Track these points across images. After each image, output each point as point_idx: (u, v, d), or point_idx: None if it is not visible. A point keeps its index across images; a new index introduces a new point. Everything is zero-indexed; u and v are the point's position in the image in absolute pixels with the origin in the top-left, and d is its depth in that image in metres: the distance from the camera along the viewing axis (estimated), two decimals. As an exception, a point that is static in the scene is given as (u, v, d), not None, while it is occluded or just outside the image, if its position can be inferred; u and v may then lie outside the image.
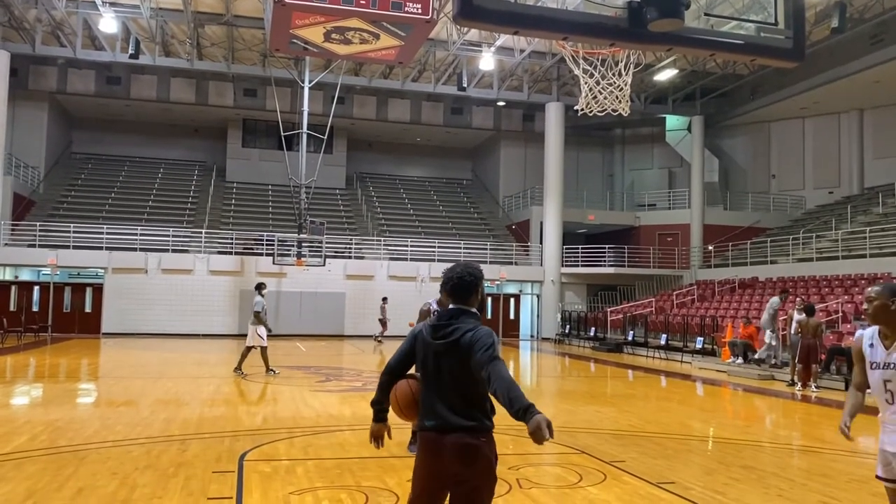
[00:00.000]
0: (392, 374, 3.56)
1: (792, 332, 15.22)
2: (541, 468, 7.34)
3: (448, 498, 3.41)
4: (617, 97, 10.25)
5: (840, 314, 18.39)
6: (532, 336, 31.92)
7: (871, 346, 3.86)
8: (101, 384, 14.35)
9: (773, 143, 33.44)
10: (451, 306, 3.50)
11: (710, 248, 31.13)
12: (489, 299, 31.62)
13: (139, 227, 27.97)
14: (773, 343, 17.18)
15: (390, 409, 3.58)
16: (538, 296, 31.89)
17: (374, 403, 3.61)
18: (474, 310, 3.49)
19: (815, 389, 14.31)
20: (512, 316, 32.19)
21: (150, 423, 9.29)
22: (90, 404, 11.60)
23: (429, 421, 3.39)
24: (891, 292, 3.79)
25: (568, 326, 29.39)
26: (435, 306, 7.60)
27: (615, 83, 10.21)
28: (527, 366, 21.41)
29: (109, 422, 9.62)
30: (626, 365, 20.23)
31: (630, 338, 24.94)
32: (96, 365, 17.83)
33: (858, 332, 4.03)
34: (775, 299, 17.45)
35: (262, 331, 15.03)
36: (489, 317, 31.32)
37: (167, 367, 16.99)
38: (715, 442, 9.33)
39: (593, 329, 27.78)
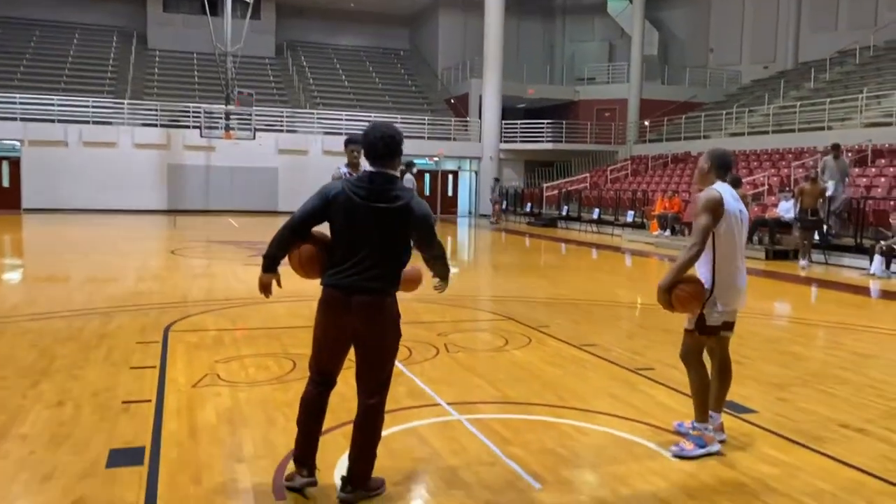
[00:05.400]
0: (295, 232, 3.44)
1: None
2: (468, 334, 7.47)
3: (354, 354, 3.47)
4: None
5: (766, 187, 18.92)
6: (470, 212, 32.09)
7: None
8: (21, 260, 13.87)
9: (712, 15, 33.12)
10: (373, 169, 3.40)
11: (647, 123, 31.27)
12: (427, 175, 31.44)
13: (56, 98, 26.35)
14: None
15: (291, 265, 3.53)
16: (476, 172, 31.82)
17: (268, 258, 3.48)
18: (397, 175, 3.45)
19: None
20: (450, 192, 32.15)
21: (72, 298, 9.04)
22: (9, 279, 11.21)
23: (340, 279, 3.36)
24: (706, 156, 4.19)
25: (505, 202, 29.57)
26: (344, 170, 7.38)
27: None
28: (464, 241, 21.60)
29: (30, 296, 9.36)
30: (560, 239, 20.61)
31: (564, 213, 25.31)
32: (18, 241, 17.20)
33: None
34: (828, 159, 15.32)
35: None
36: (427, 193, 31.25)
37: (93, 242, 16.49)
38: (639, 308, 9.66)
39: (529, 205, 28.04)
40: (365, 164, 7.97)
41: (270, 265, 3.50)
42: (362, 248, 3.34)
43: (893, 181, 16.09)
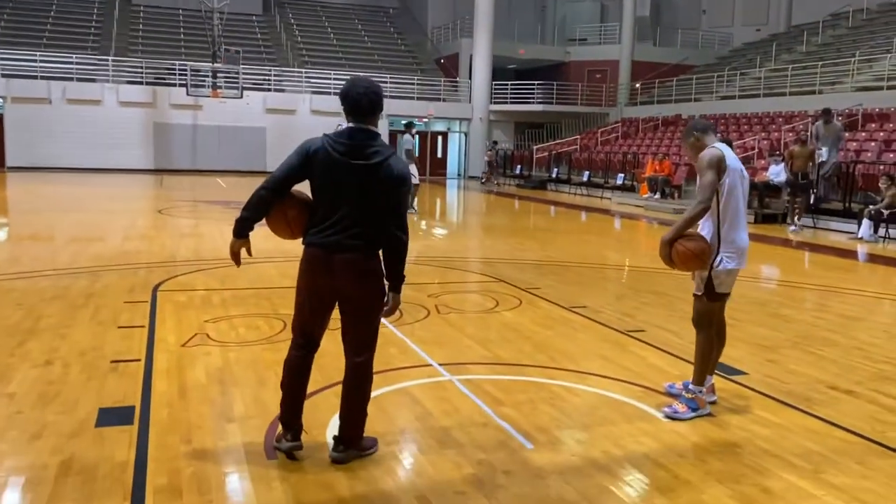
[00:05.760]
0: (276, 191, 3.32)
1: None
2: (459, 295, 7.45)
3: (339, 313, 3.42)
4: None
5: (756, 150, 18.89)
6: (459, 174, 31.91)
7: None
8: (6, 218, 13.69)
9: (706, -24, 32.72)
10: (353, 125, 3.29)
11: (638, 85, 31.04)
12: (417, 138, 31.14)
13: (38, 53, 25.78)
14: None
15: (273, 226, 3.43)
16: (466, 133, 31.56)
17: (244, 220, 3.34)
18: (379, 132, 3.36)
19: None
20: (440, 154, 31.90)
21: (58, 256, 8.95)
22: (-6, 238, 11.07)
23: (322, 238, 3.29)
24: (688, 131, 4.18)
25: (495, 163, 29.40)
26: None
27: None
28: (453, 203, 21.52)
29: (15, 254, 9.24)
30: (549, 201, 20.56)
31: (554, 175, 25.22)
32: (1, 199, 16.95)
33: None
34: (819, 125, 15.02)
35: (413, 169, 14.88)
36: (416, 155, 30.96)
37: (79, 201, 16.30)
38: (628, 270, 9.67)
39: (519, 167, 27.92)
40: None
41: (243, 229, 3.37)
42: (343, 207, 3.25)
43: (883, 146, 16.09)
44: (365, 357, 3.42)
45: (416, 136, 30.41)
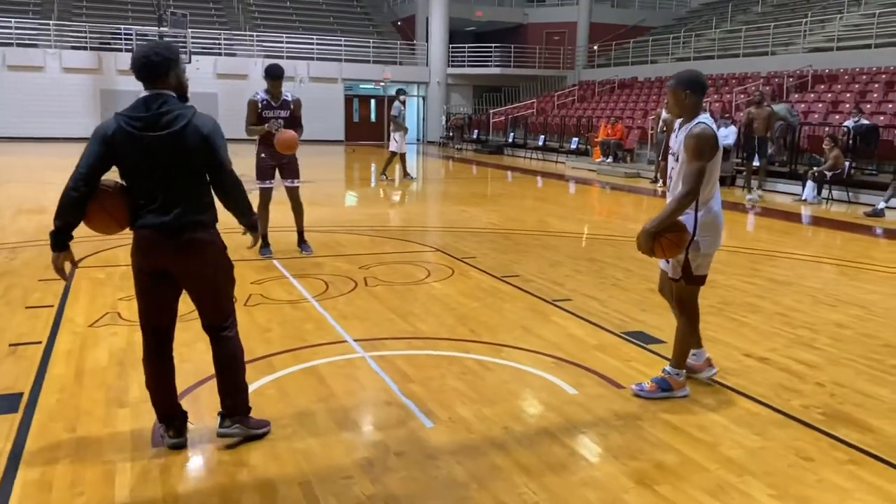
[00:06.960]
0: (86, 189, 2.97)
1: (658, 129, 15.56)
2: (391, 266, 7.31)
3: (189, 295, 3.26)
4: None
5: (707, 113, 18.88)
6: (417, 139, 31.57)
7: (675, 135, 3.93)
8: (-64, 192, 13.19)
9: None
10: (146, 93, 3.06)
11: (595, 47, 30.83)
12: (372, 101, 30.69)
13: (-26, 18, 24.77)
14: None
15: (94, 224, 3.12)
16: (424, 98, 31.17)
17: (59, 231, 3.01)
18: (174, 94, 3.09)
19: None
20: (397, 118, 31.47)
21: (-20, 232, 8.62)
22: (-81, 213, 10.63)
23: (148, 221, 3.06)
24: (679, 83, 3.84)
25: (452, 132, 29.15)
26: (263, 96, 7.08)
27: None
28: (411, 170, 21.26)
29: (-65, 231, 8.88)
30: (504, 166, 20.44)
31: (511, 140, 25.06)
32: (-65, 172, 16.33)
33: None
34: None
35: (399, 136, 15.18)
36: (373, 120, 30.56)
37: (16, 172, 15.76)
38: (568, 237, 9.61)
39: (476, 131, 27.69)
40: (286, 94, 7.56)
41: (61, 240, 3.04)
42: (159, 185, 3.02)
43: (830, 107, 16.20)
44: (227, 331, 3.29)
45: (371, 101, 30.20)
